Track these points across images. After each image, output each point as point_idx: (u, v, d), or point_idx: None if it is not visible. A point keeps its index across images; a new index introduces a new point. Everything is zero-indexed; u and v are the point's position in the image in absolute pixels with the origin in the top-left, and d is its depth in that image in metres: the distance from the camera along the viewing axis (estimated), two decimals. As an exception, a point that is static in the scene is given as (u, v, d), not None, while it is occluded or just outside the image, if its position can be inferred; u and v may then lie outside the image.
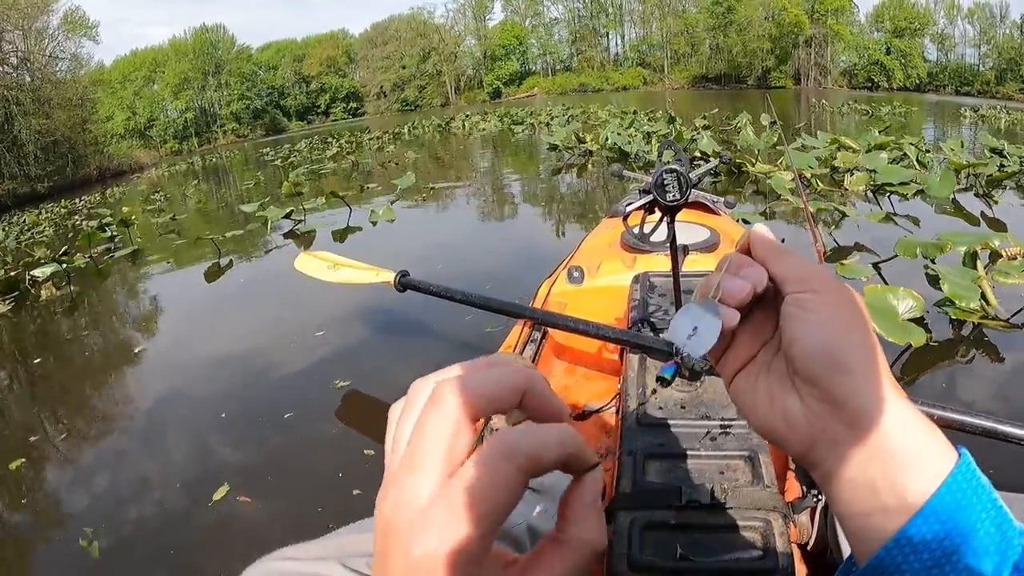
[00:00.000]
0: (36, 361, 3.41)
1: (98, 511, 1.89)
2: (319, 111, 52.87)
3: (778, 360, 0.32)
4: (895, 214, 4.08)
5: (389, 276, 1.51)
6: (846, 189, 4.63)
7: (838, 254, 3.21)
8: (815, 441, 0.30)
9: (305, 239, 5.10)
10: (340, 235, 5.07)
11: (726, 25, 43.21)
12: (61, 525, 1.90)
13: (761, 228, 0.34)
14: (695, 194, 1.43)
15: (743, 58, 42.74)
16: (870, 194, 4.57)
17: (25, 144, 24.40)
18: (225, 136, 47.18)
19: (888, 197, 4.38)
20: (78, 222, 9.62)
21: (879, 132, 6.62)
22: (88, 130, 29.46)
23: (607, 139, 7.85)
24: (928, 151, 5.92)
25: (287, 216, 5.51)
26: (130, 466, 2.16)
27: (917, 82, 39.75)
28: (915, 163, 5.34)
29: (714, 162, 1.09)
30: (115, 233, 7.18)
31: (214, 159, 24.78)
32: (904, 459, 0.28)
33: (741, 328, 0.33)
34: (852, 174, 5.08)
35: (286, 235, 5.28)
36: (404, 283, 1.46)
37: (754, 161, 5.24)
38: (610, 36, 51.95)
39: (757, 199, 4.82)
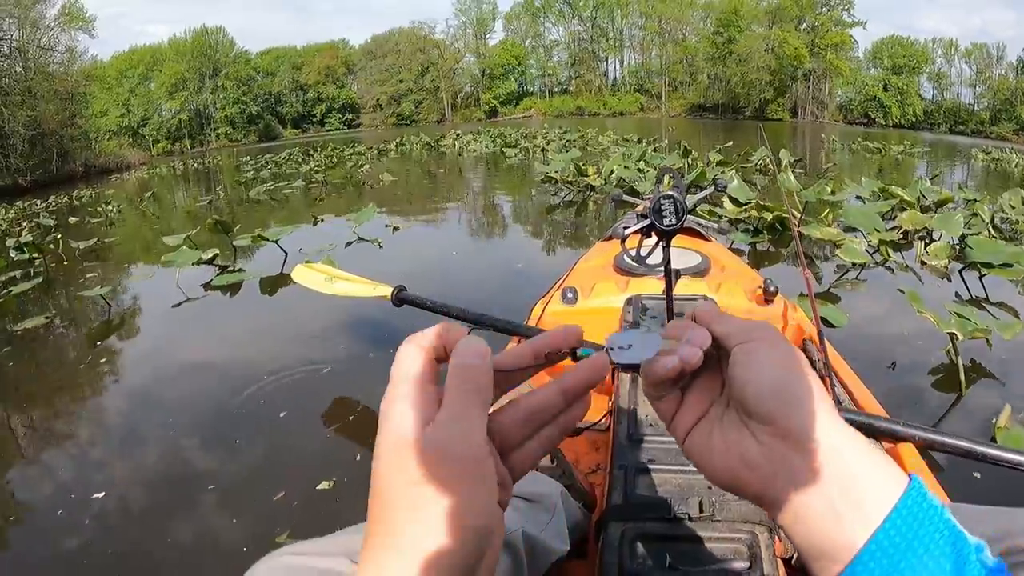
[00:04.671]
0: None
1: None
2: (314, 120, 52.09)
3: (729, 412, 0.35)
4: (988, 300, 3.09)
5: (386, 291, 1.68)
6: (922, 262, 3.59)
7: (969, 380, 2.16)
8: (775, 475, 0.32)
9: (231, 290, 3.99)
10: (270, 287, 3.95)
11: (726, 55, 43.04)
12: None
13: (704, 305, 0.39)
14: (689, 220, 1.29)
15: (741, 89, 42.50)
16: (953, 271, 3.53)
17: (10, 136, 23.35)
18: (218, 140, 46.16)
19: (980, 279, 3.36)
20: (26, 229, 8.42)
21: (930, 180, 5.66)
22: (77, 125, 28.40)
23: (612, 172, 6.82)
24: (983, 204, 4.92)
25: (210, 261, 4.29)
26: None
27: (912, 119, 39.71)
28: (989, 228, 4.34)
29: (708, 189, 1.08)
30: (34, 256, 6.04)
31: (197, 164, 23.64)
32: (862, 479, 0.30)
33: (689, 391, 0.37)
34: (918, 237, 4.10)
35: (208, 285, 4.07)
36: (401, 298, 1.64)
37: (799, 215, 4.18)
38: (609, 61, 51.88)
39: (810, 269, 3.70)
